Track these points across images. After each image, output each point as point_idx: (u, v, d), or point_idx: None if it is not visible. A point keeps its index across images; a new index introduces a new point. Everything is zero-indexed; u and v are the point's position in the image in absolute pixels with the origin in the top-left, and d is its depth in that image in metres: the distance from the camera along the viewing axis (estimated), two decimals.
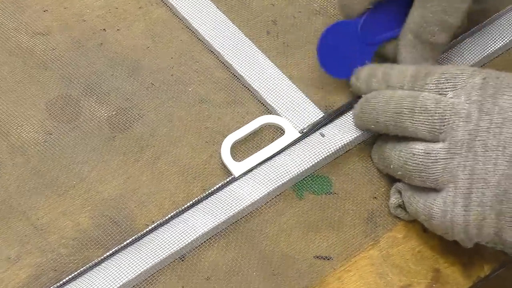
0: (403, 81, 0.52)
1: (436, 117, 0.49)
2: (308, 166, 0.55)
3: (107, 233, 0.53)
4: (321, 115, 0.58)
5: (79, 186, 0.55)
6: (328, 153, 0.56)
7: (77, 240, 0.52)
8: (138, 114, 0.59)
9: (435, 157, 0.49)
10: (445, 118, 0.49)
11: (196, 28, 0.62)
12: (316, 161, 0.56)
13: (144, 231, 0.52)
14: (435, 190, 0.50)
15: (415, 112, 0.50)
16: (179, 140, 0.57)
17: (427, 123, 0.49)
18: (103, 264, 0.51)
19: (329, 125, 0.57)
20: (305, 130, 0.57)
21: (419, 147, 0.50)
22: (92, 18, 0.63)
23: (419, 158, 0.49)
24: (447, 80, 0.50)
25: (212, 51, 0.62)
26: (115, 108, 0.59)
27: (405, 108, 0.50)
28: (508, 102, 0.48)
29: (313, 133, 0.57)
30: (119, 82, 0.60)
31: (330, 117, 0.57)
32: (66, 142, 0.57)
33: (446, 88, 0.50)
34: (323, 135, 0.57)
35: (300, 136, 0.56)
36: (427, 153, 0.49)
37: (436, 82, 0.51)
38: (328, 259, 0.53)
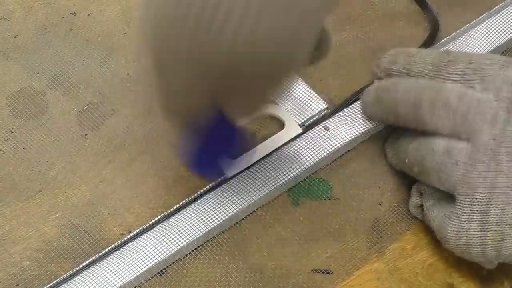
0: (424, 70, 0.51)
1: (458, 115, 0.48)
2: (312, 163, 0.55)
3: (76, 244, 0.53)
4: (325, 107, 0.58)
5: (45, 191, 0.55)
6: (333, 149, 0.56)
7: (42, 252, 0.52)
8: (111, 110, 0.59)
9: (455, 159, 0.48)
10: (468, 118, 0.48)
11: None
12: (319, 158, 0.56)
13: (118, 242, 0.52)
14: (452, 197, 0.49)
15: (436, 107, 0.49)
16: (158, 138, 0.57)
17: (448, 121, 0.49)
18: (71, 281, 0.51)
19: (334, 118, 0.58)
20: (307, 124, 0.57)
21: (440, 142, 0.49)
22: (60, 1, 0.64)
23: (439, 156, 0.49)
24: (474, 71, 0.49)
25: None
26: (86, 103, 0.59)
27: (425, 101, 0.49)
28: None
29: (315, 126, 0.57)
30: (90, 73, 0.60)
31: (334, 109, 0.58)
32: (30, 142, 0.57)
33: (473, 80, 0.49)
34: (327, 129, 0.57)
35: (301, 131, 0.57)
36: (448, 151, 0.48)
37: (460, 72, 0.50)
38: (327, 273, 0.53)
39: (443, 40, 0.61)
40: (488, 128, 0.47)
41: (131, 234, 0.53)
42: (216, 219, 0.53)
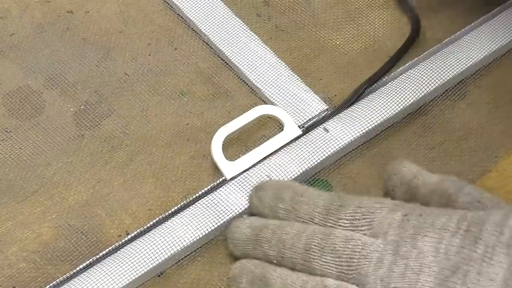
0: (314, 214, 0.50)
1: (343, 259, 0.47)
2: (311, 166, 0.55)
3: (73, 246, 0.52)
4: (325, 108, 0.58)
5: (41, 192, 0.55)
6: (333, 151, 0.56)
7: (39, 253, 0.52)
8: (108, 109, 0.58)
9: None
10: (353, 261, 0.47)
11: (178, 5, 0.63)
12: (319, 160, 0.55)
13: (116, 243, 0.52)
14: None
15: (324, 252, 0.47)
16: (156, 138, 0.57)
17: (334, 266, 0.47)
18: (68, 283, 0.50)
19: (334, 119, 0.57)
20: (306, 125, 0.57)
21: (331, 281, 0.47)
22: None
23: None
24: (363, 215, 0.48)
25: (195, 35, 0.62)
26: (83, 102, 0.59)
27: (314, 246, 0.48)
28: (429, 245, 0.45)
29: (315, 127, 0.57)
30: (87, 72, 0.60)
31: (334, 110, 0.57)
32: (26, 142, 0.57)
33: (362, 225, 0.48)
34: (327, 130, 0.57)
35: (301, 132, 0.57)
36: None
37: (350, 217, 0.48)
38: None
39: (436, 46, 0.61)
40: (373, 271, 0.46)
41: (129, 236, 0.52)
42: (215, 222, 0.53)
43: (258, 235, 0.50)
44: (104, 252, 0.51)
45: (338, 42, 0.62)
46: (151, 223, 0.53)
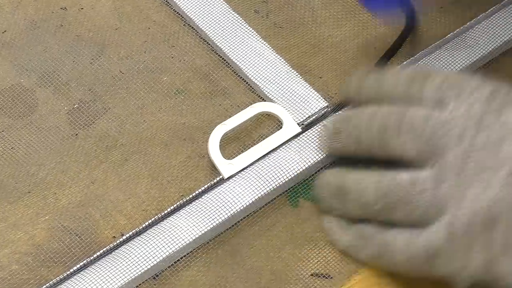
0: (397, 87, 0.51)
1: (423, 138, 0.48)
2: (311, 164, 0.55)
3: (66, 248, 0.52)
4: (325, 105, 0.58)
5: (34, 193, 0.55)
6: None
7: (31, 255, 0.52)
8: (103, 108, 0.58)
9: (421, 187, 0.48)
10: (434, 140, 0.48)
11: (174, 0, 0.63)
12: (319, 159, 0.55)
13: (111, 245, 0.52)
14: (419, 226, 0.49)
15: (402, 131, 0.49)
16: (151, 138, 0.57)
17: (414, 145, 0.48)
18: (62, 285, 0.50)
19: (334, 117, 0.57)
20: (306, 122, 0.57)
21: (404, 176, 0.49)
22: None
23: (405, 189, 0.48)
24: (449, 88, 0.49)
25: (192, 32, 0.62)
26: (76, 101, 0.59)
27: (390, 125, 0.49)
28: None
29: (315, 125, 0.57)
30: (81, 70, 0.60)
31: (335, 107, 0.57)
32: (18, 141, 0.57)
33: (446, 98, 0.49)
34: None
35: (300, 130, 0.57)
36: (413, 183, 0.48)
37: (436, 89, 0.49)
38: (328, 278, 0.52)
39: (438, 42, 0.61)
40: (455, 147, 0.47)
41: (124, 237, 0.52)
42: (211, 222, 0.53)
43: (338, 127, 0.53)
44: (98, 254, 0.51)
45: (338, 39, 0.62)
46: (146, 223, 0.53)
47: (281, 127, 0.57)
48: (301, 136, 0.56)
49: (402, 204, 0.48)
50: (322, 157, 0.55)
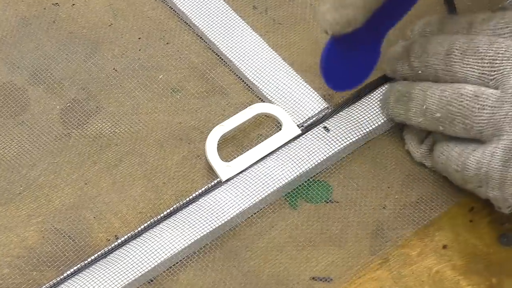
0: (458, 28, 0.55)
1: (486, 61, 0.51)
2: (311, 167, 0.55)
3: (59, 251, 0.53)
4: (325, 106, 0.58)
5: (26, 194, 0.55)
6: (334, 151, 0.56)
7: (23, 259, 0.52)
8: (97, 107, 0.58)
9: (483, 103, 0.51)
10: (496, 63, 0.51)
11: None
12: (319, 161, 0.56)
13: (105, 248, 0.52)
14: (477, 142, 0.52)
15: (466, 54, 0.52)
16: (147, 138, 0.57)
17: (477, 67, 0.52)
18: None
19: (334, 118, 0.57)
20: (306, 124, 0.57)
21: (468, 88, 0.51)
22: None
23: (467, 101, 0.51)
24: (507, 24, 0.52)
25: (188, 29, 0.62)
26: (69, 100, 0.59)
27: (456, 49, 0.53)
28: None
29: (315, 127, 0.57)
30: (74, 68, 0.60)
31: (335, 109, 0.57)
32: (9, 141, 0.57)
33: (505, 33, 0.52)
34: (327, 129, 0.57)
35: (300, 132, 0.57)
36: (477, 96, 0.51)
37: (493, 27, 0.53)
38: (328, 281, 0.52)
39: None
40: None
41: (118, 240, 0.52)
42: (209, 225, 0.53)
43: (407, 50, 0.56)
44: (92, 257, 0.52)
45: None
46: (141, 227, 0.53)
47: (280, 129, 0.57)
48: (301, 138, 0.56)
49: (462, 117, 0.51)
50: (322, 159, 0.55)
